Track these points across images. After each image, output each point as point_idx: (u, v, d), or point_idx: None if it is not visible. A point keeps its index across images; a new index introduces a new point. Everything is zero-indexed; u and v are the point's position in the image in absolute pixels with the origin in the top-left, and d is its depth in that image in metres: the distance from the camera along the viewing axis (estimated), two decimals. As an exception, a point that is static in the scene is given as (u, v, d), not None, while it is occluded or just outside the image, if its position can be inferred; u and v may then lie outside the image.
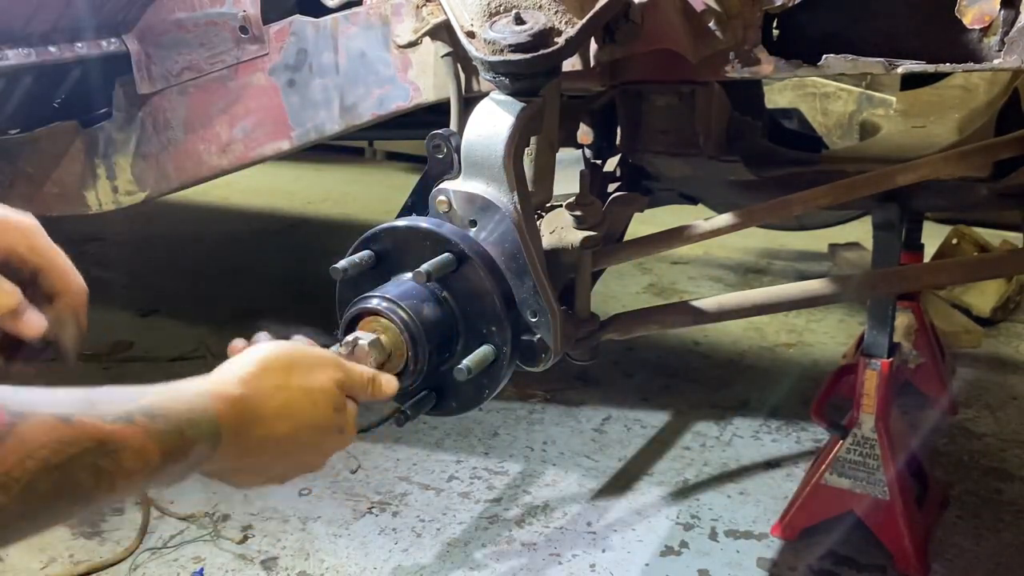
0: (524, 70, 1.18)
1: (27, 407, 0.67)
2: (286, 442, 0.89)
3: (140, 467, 0.73)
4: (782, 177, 1.95)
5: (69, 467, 0.67)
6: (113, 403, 0.73)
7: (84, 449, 0.68)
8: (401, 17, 1.75)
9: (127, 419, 0.72)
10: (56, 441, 0.67)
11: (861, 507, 2.30)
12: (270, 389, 0.87)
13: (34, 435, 0.66)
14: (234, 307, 4.03)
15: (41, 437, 0.66)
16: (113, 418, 0.71)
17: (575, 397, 3.23)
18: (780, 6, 1.35)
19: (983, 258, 2.71)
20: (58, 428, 0.67)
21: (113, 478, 0.71)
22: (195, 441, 0.78)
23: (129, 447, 0.71)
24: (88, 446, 0.69)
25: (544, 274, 1.21)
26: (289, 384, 0.89)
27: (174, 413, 0.76)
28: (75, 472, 0.68)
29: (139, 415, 0.73)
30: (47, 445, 0.66)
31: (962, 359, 3.54)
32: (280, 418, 0.88)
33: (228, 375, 0.86)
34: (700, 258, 4.80)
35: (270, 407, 0.87)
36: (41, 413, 0.67)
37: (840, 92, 3.03)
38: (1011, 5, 1.21)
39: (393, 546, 2.39)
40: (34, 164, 2.21)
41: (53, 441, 0.66)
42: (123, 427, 0.71)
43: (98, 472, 0.70)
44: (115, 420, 0.71)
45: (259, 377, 0.87)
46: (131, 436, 0.72)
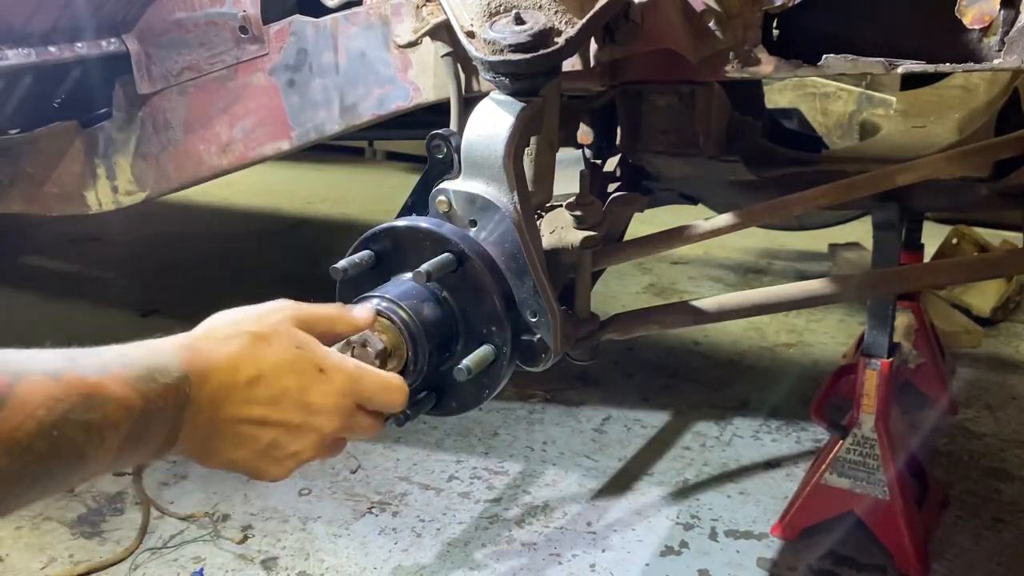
0: (524, 70, 1.18)
1: (20, 366, 0.69)
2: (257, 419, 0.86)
3: (124, 416, 0.74)
4: (782, 177, 1.95)
5: (62, 424, 0.69)
6: (90, 356, 0.75)
7: (73, 405, 0.70)
8: (401, 17, 1.75)
9: (104, 370, 0.74)
10: (50, 398, 0.69)
11: (861, 507, 2.30)
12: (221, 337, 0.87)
13: (31, 395, 0.68)
14: (234, 307, 4.02)
15: (37, 396, 0.68)
16: (92, 370, 0.73)
17: (575, 397, 3.23)
18: (780, 6, 1.35)
19: (983, 258, 2.71)
20: (49, 385, 0.69)
21: (102, 431, 0.72)
22: (167, 386, 0.79)
23: (112, 397, 0.73)
24: (76, 401, 0.71)
25: (544, 274, 1.21)
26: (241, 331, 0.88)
27: (140, 358, 0.79)
28: (67, 428, 0.70)
29: (113, 365, 0.76)
30: (43, 404, 0.68)
31: (962, 359, 3.54)
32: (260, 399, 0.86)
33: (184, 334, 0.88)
34: (700, 258, 4.80)
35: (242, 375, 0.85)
36: (34, 372, 0.69)
37: (840, 92, 3.03)
38: (1011, 5, 1.21)
39: (393, 546, 2.39)
40: (34, 164, 2.21)
41: (47, 399, 0.68)
42: (103, 377, 0.74)
43: (88, 426, 0.71)
44: (94, 372, 0.73)
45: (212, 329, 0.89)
46: (111, 385, 0.74)
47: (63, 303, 4.15)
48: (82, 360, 0.74)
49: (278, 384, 0.87)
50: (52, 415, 0.68)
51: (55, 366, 0.71)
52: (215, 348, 0.86)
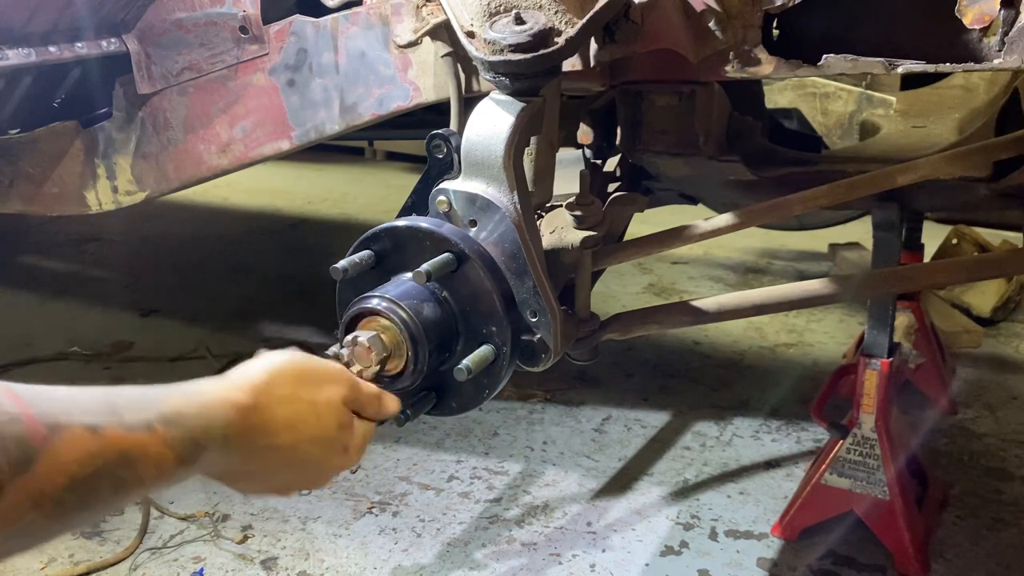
0: (524, 70, 1.18)
1: (59, 418, 0.67)
2: (288, 452, 0.89)
3: (155, 475, 0.74)
4: (782, 177, 1.95)
5: (93, 480, 0.68)
6: (134, 409, 0.74)
7: (107, 461, 0.69)
8: (401, 17, 1.75)
9: (147, 427, 0.73)
10: (86, 454, 0.67)
11: (861, 507, 2.30)
12: (279, 399, 0.88)
13: (66, 450, 0.66)
14: (234, 307, 4.03)
15: (72, 453, 0.66)
16: (135, 427, 0.72)
17: (575, 397, 3.23)
18: (780, 6, 1.35)
19: (983, 258, 2.71)
20: (87, 441, 0.68)
21: (129, 487, 0.72)
22: (207, 447, 0.79)
23: (148, 456, 0.73)
24: (111, 458, 0.70)
25: (544, 274, 1.21)
26: (298, 396, 0.90)
27: (189, 420, 0.77)
28: (98, 485, 0.69)
29: (158, 423, 0.74)
30: (77, 459, 0.67)
31: (962, 359, 3.54)
32: (285, 428, 0.88)
33: (241, 382, 0.86)
34: (700, 258, 4.80)
35: (277, 417, 0.87)
36: (72, 425, 0.67)
37: (840, 92, 3.03)
38: (1011, 5, 1.21)
39: (393, 546, 2.39)
40: (34, 164, 2.21)
41: (82, 455, 0.67)
42: (144, 436, 0.72)
43: (117, 483, 0.71)
44: (137, 429, 0.72)
45: (270, 386, 0.88)
46: (150, 445, 0.73)
47: (63, 303, 4.15)
48: (125, 413, 0.72)
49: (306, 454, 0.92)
50: (85, 470, 0.67)
51: (95, 418, 0.70)
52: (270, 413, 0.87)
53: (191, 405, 0.79)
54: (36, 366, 3.37)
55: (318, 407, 0.92)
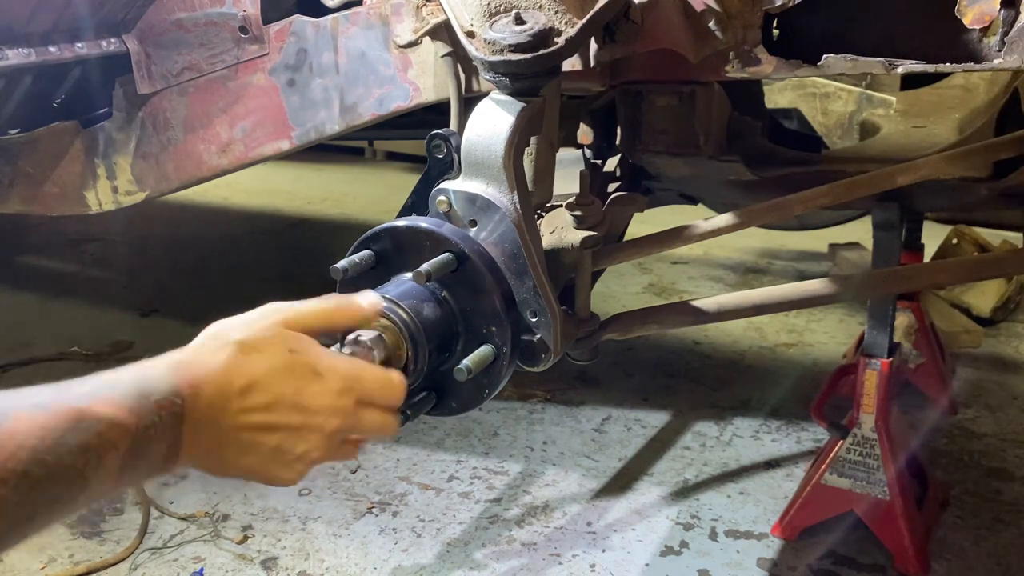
0: (524, 70, 1.18)
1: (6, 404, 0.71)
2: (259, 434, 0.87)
3: (119, 435, 0.75)
4: (782, 177, 1.95)
5: (56, 449, 0.71)
6: (76, 386, 0.77)
7: (65, 430, 0.72)
8: (401, 17, 1.75)
9: (92, 394, 0.76)
10: (40, 427, 0.70)
11: (861, 507, 2.30)
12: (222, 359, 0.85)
13: (19, 428, 0.69)
14: (234, 307, 4.01)
15: (25, 428, 0.70)
16: (79, 396, 0.75)
17: (575, 397, 3.23)
18: (780, 6, 1.35)
19: (983, 258, 2.71)
20: (38, 416, 0.71)
21: (99, 452, 0.74)
22: (159, 402, 0.79)
23: (103, 418, 0.74)
24: (67, 426, 0.72)
25: (544, 274, 1.21)
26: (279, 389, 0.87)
27: (128, 381, 0.79)
28: (63, 453, 0.71)
29: (102, 389, 0.77)
30: (33, 434, 0.70)
31: (962, 359, 3.54)
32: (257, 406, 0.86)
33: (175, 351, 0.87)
34: (700, 258, 4.80)
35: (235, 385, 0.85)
36: (19, 408, 0.71)
37: (840, 92, 3.03)
38: (1011, 5, 1.21)
39: (393, 546, 2.39)
40: (34, 164, 2.21)
41: (37, 428, 0.70)
42: (92, 401, 0.75)
43: (84, 449, 0.73)
44: (81, 397, 0.75)
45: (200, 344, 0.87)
46: (101, 407, 0.75)
47: (63, 303, 4.15)
48: (70, 389, 0.76)
49: (273, 389, 0.87)
50: (44, 442, 0.70)
51: (42, 398, 0.73)
52: (205, 361, 0.85)
53: (127, 369, 0.81)
54: (36, 366, 3.37)
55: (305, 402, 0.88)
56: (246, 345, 0.87)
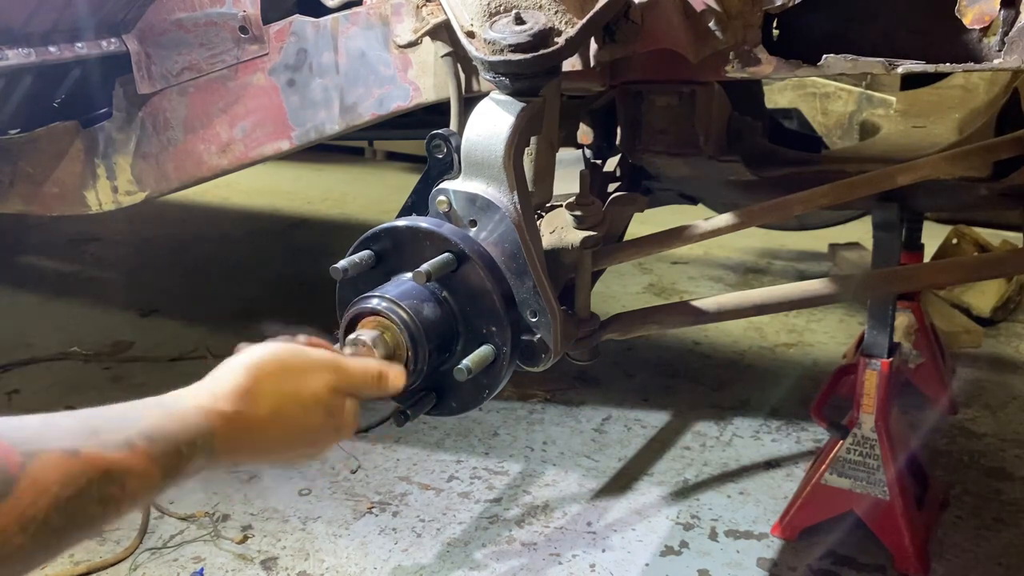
0: (524, 70, 1.18)
1: (35, 445, 0.69)
2: (277, 444, 0.91)
3: (143, 489, 0.75)
4: (782, 177, 1.95)
5: (79, 499, 0.70)
6: (113, 430, 0.75)
7: (91, 480, 0.70)
8: (401, 17, 1.75)
9: (128, 446, 0.74)
10: (66, 475, 0.69)
11: (861, 507, 2.30)
12: (262, 397, 0.88)
13: (45, 473, 0.68)
14: (234, 307, 4.03)
15: (52, 475, 0.68)
16: (115, 446, 0.73)
17: (575, 397, 3.23)
18: (780, 6, 1.35)
19: (983, 258, 2.71)
20: (66, 463, 0.69)
21: (119, 503, 0.73)
22: (192, 458, 0.80)
23: (132, 472, 0.74)
24: (94, 477, 0.71)
25: (544, 274, 1.21)
26: (281, 391, 0.90)
27: (171, 434, 0.79)
28: (84, 503, 0.70)
29: (139, 440, 0.75)
30: (58, 481, 0.68)
31: (962, 359, 3.54)
32: (271, 424, 0.89)
33: (223, 388, 0.87)
34: (700, 258, 4.80)
35: (262, 417, 0.88)
36: (49, 450, 0.69)
37: (840, 92, 3.03)
38: (1011, 5, 1.21)
39: (393, 546, 2.39)
40: (34, 164, 2.21)
41: (63, 476, 0.69)
42: (125, 454, 0.74)
43: (105, 500, 0.72)
44: (117, 448, 0.73)
45: (252, 387, 0.88)
46: (133, 462, 0.74)
47: (63, 303, 4.15)
48: (104, 433, 0.74)
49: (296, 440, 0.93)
50: (67, 491, 0.69)
51: (72, 442, 0.71)
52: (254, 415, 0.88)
53: (174, 419, 0.80)
54: (36, 366, 3.37)
55: (303, 399, 0.92)
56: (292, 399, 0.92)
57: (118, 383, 3.23)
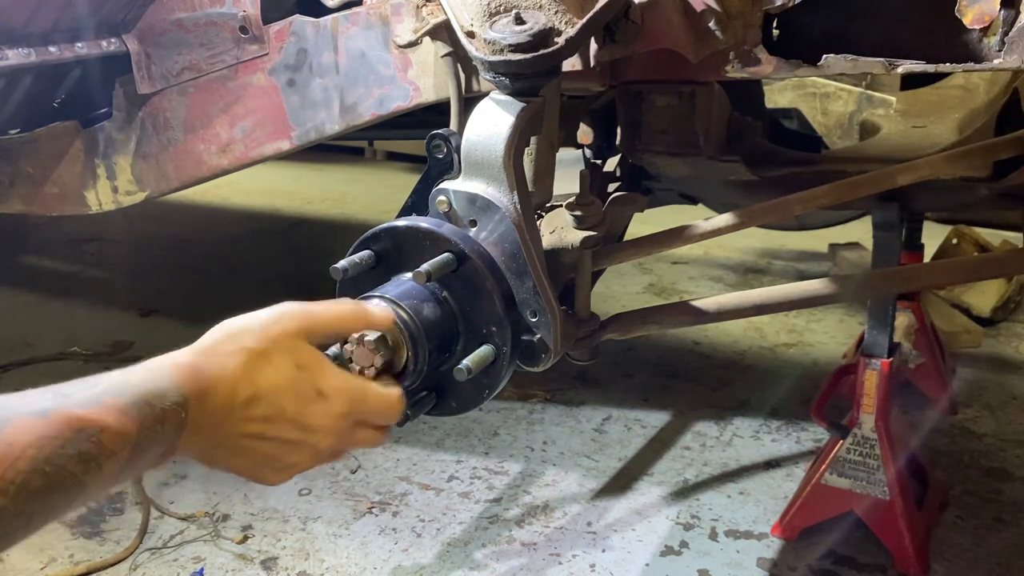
0: (524, 70, 1.18)
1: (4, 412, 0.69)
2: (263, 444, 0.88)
3: (122, 444, 0.75)
4: (782, 177, 1.95)
5: (56, 459, 0.70)
6: (81, 391, 0.75)
7: (66, 439, 0.71)
8: (401, 17, 1.75)
9: (96, 401, 0.74)
10: (39, 437, 0.69)
11: (861, 507, 2.30)
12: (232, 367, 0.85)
13: (18, 437, 0.68)
14: (234, 307, 4.01)
15: (25, 437, 0.68)
16: (83, 403, 0.74)
17: (575, 397, 3.23)
18: (780, 6, 1.35)
19: (983, 258, 2.71)
20: (37, 425, 0.70)
21: (99, 460, 0.73)
22: (164, 410, 0.79)
23: (106, 427, 0.73)
24: (68, 435, 0.71)
25: (544, 274, 1.21)
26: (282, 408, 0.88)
27: (136, 385, 0.78)
28: (63, 462, 0.70)
29: (105, 396, 0.75)
30: (32, 444, 0.68)
31: (962, 359, 3.54)
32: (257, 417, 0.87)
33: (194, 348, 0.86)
34: (700, 258, 4.80)
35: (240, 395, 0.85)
36: (19, 415, 0.69)
37: (840, 92, 3.03)
38: (1011, 5, 1.21)
39: (393, 546, 2.39)
40: (34, 164, 2.21)
41: (36, 438, 0.69)
42: (95, 408, 0.74)
43: (84, 458, 0.72)
44: (85, 405, 0.73)
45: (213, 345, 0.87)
46: (104, 415, 0.74)
47: (63, 303, 4.15)
48: (73, 395, 0.74)
49: (275, 404, 0.88)
50: (44, 451, 0.69)
51: (43, 405, 0.71)
52: (214, 367, 0.85)
53: (136, 374, 0.80)
54: (36, 366, 3.37)
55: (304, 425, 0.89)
56: (258, 354, 0.87)
57: (118, 383, 3.23)
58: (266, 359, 0.87)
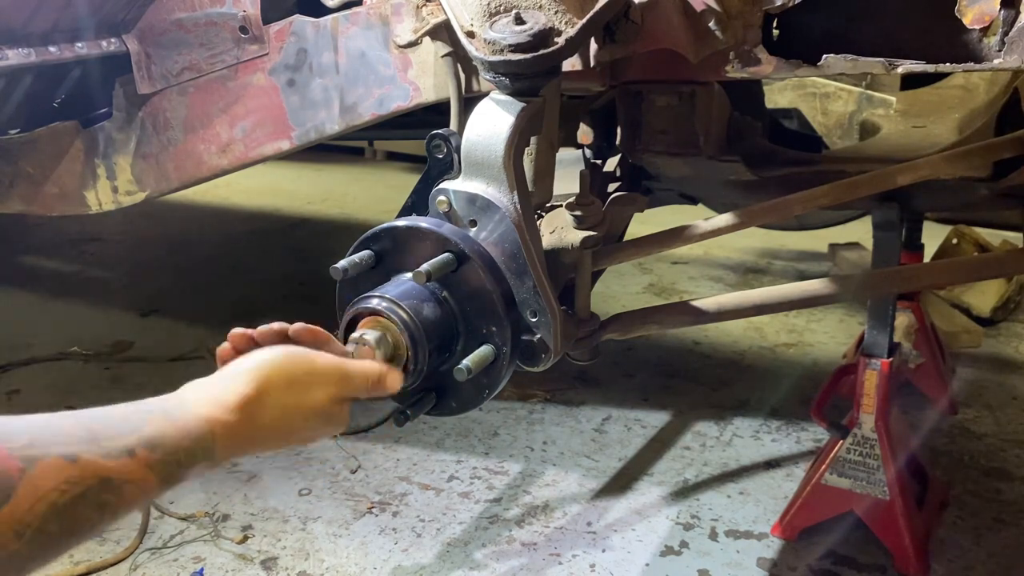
0: (524, 70, 1.18)
1: (34, 450, 0.68)
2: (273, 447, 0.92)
3: (139, 495, 0.75)
4: (782, 177, 1.95)
5: (75, 506, 0.69)
6: (114, 436, 0.75)
7: (88, 488, 0.70)
8: (401, 17, 1.75)
9: (128, 453, 0.74)
10: (64, 482, 0.69)
11: (861, 507, 2.30)
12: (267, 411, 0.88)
13: (43, 480, 0.67)
14: (234, 307, 4.03)
15: (50, 481, 0.68)
16: (116, 453, 0.73)
17: (575, 397, 3.23)
18: (780, 6, 1.35)
19: (983, 258, 2.71)
20: (65, 469, 0.69)
21: (115, 509, 0.73)
22: (191, 466, 0.80)
23: (130, 481, 0.74)
24: (92, 484, 0.71)
25: (544, 274, 1.21)
26: (285, 404, 0.90)
27: (173, 443, 0.78)
28: (81, 510, 0.70)
29: (140, 448, 0.75)
30: (55, 488, 0.68)
31: (962, 359, 3.54)
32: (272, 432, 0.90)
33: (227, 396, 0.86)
34: (700, 258, 4.80)
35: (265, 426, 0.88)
36: (48, 456, 0.69)
37: (840, 92, 3.03)
38: (1011, 5, 1.21)
39: (393, 546, 2.39)
40: (34, 164, 2.21)
41: (61, 483, 0.68)
42: (125, 462, 0.74)
43: (102, 506, 0.72)
44: (118, 455, 0.73)
45: (258, 401, 0.88)
46: (133, 470, 0.74)
47: (63, 303, 4.15)
48: (104, 439, 0.73)
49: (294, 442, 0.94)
50: (65, 497, 0.69)
51: (72, 447, 0.71)
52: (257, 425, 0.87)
53: (174, 428, 0.80)
54: (36, 366, 3.37)
55: (305, 412, 0.92)
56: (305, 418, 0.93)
57: (118, 383, 3.23)
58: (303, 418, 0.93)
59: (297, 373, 0.92)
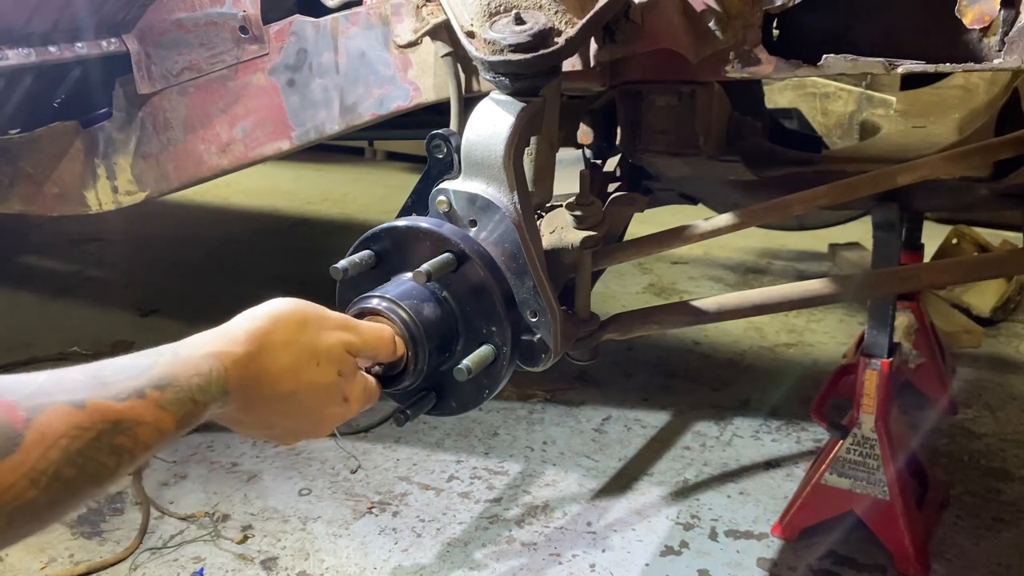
0: (524, 70, 1.18)
1: (39, 399, 0.68)
2: (289, 399, 0.90)
3: (157, 438, 0.74)
4: (782, 177, 1.95)
5: (89, 450, 0.69)
6: (123, 379, 0.74)
7: (101, 431, 0.70)
8: (401, 17, 1.75)
9: (139, 394, 0.73)
10: (74, 427, 0.68)
11: (861, 507, 2.30)
12: (278, 345, 0.88)
13: (52, 426, 0.67)
14: (234, 307, 4.02)
15: (59, 427, 0.67)
16: (125, 395, 0.72)
17: (575, 397, 3.23)
18: (780, 6, 1.35)
19: (983, 258, 2.71)
20: (73, 415, 0.68)
21: (133, 452, 0.72)
22: (206, 404, 0.79)
23: (144, 422, 0.73)
24: (104, 428, 0.70)
25: (544, 274, 1.21)
26: (298, 340, 0.90)
27: (183, 381, 0.78)
28: (96, 454, 0.69)
29: (150, 388, 0.74)
30: (66, 434, 0.67)
31: (962, 359, 3.54)
32: (285, 374, 0.88)
33: (238, 332, 0.86)
34: (700, 258, 4.80)
35: (277, 364, 0.87)
36: (55, 403, 0.68)
37: (840, 92, 3.03)
38: (1011, 5, 1.21)
39: (393, 546, 2.39)
40: (34, 164, 2.21)
41: (71, 428, 0.68)
42: (135, 403, 0.73)
43: (118, 450, 0.71)
44: (127, 397, 0.72)
45: (268, 333, 0.87)
46: (145, 411, 0.73)
47: (63, 303, 4.15)
48: (114, 383, 0.73)
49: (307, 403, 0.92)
50: (77, 442, 0.68)
51: (80, 395, 0.70)
52: (265, 359, 0.87)
53: (184, 366, 0.79)
54: (36, 366, 3.37)
55: (318, 353, 0.91)
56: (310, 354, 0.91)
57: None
58: (315, 361, 0.91)
59: (308, 314, 0.93)
